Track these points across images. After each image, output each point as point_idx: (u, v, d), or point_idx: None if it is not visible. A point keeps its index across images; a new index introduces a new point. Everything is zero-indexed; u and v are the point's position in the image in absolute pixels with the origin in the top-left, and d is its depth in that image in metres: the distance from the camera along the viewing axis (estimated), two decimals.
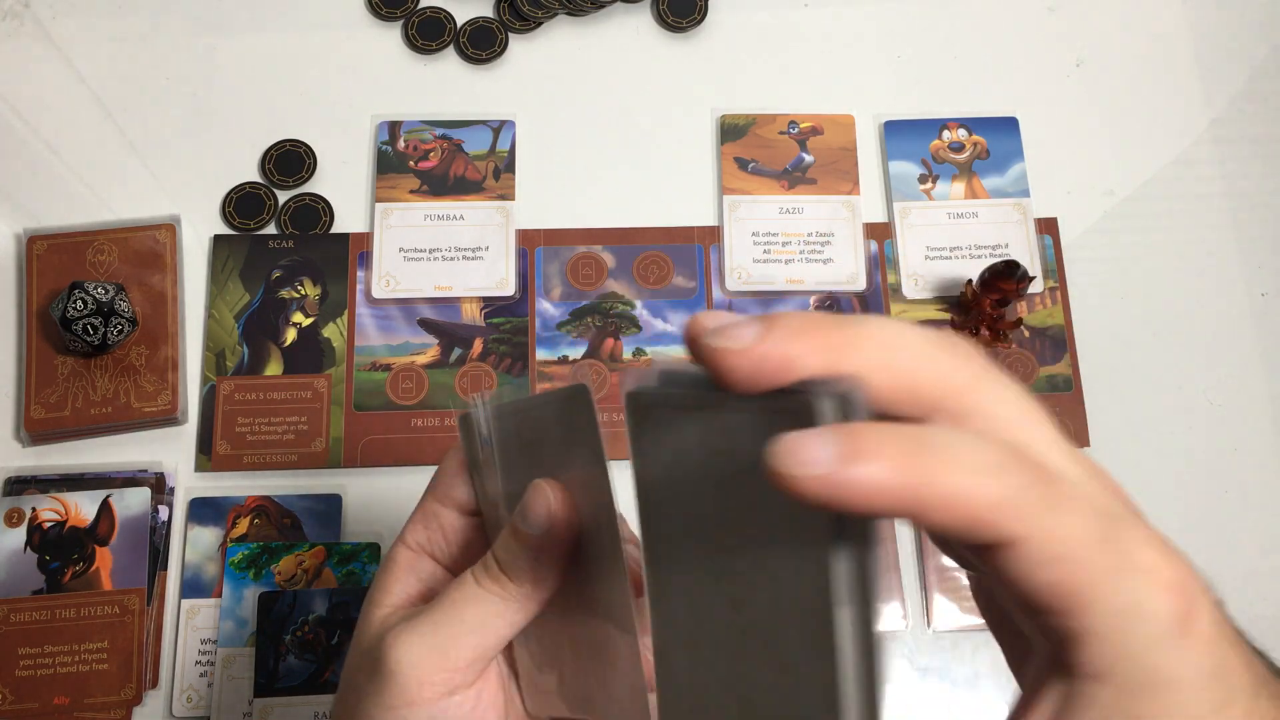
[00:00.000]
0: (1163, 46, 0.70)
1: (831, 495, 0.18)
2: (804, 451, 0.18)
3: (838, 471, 0.18)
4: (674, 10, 0.69)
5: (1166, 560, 0.20)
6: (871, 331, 0.21)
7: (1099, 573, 0.19)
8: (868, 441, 0.19)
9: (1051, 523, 0.19)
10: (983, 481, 0.19)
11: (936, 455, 0.19)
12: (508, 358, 0.61)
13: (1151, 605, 0.19)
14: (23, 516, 0.56)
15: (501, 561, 0.29)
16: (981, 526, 0.19)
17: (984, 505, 0.19)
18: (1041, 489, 0.19)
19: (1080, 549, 0.19)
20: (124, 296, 0.58)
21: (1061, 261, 0.64)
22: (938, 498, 0.19)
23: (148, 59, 0.67)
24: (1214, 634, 0.20)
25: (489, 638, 0.29)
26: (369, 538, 0.57)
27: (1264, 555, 0.59)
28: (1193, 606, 0.20)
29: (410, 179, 0.65)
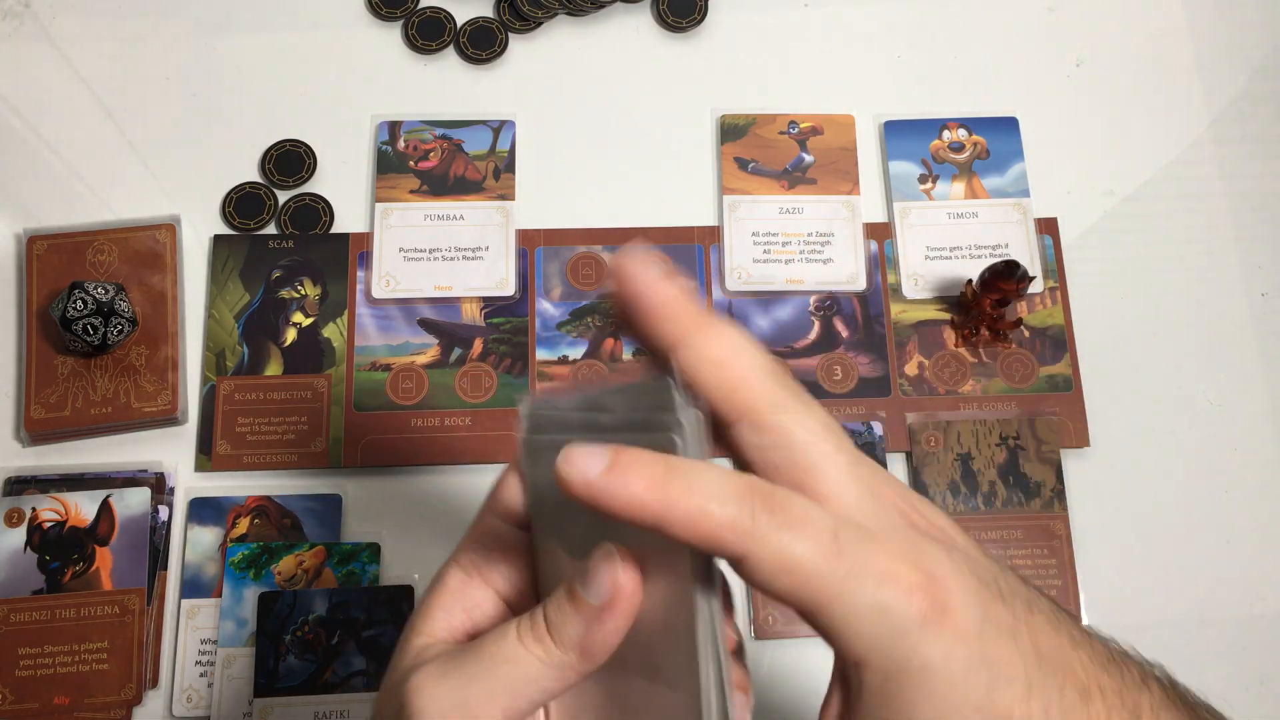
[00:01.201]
0: (1163, 46, 0.70)
1: (594, 498, 0.24)
2: (579, 460, 0.24)
3: (600, 480, 0.23)
4: (674, 10, 0.69)
5: (910, 567, 0.24)
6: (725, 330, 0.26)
7: (829, 579, 0.23)
8: (631, 462, 0.24)
9: (777, 540, 0.23)
10: (716, 507, 0.23)
11: (682, 481, 0.24)
12: (508, 358, 0.61)
13: (892, 603, 0.23)
14: (23, 516, 0.56)
15: (550, 622, 0.26)
16: (715, 543, 0.24)
17: (715, 525, 0.23)
18: (767, 515, 0.24)
19: (807, 561, 0.23)
20: (124, 296, 0.58)
21: (1061, 261, 0.64)
22: (679, 515, 0.23)
23: (148, 59, 0.67)
24: (976, 628, 0.24)
25: (520, 701, 0.26)
26: (369, 538, 0.57)
27: (1264, 555, 0.59)
28: (943, 605, 0.24)
29: (410, 179, 0.65)
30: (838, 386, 0.61)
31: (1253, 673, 0.57)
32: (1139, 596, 0.58)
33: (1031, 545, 0.58)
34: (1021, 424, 0.60)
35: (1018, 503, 0.58)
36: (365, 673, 0.54)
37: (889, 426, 0.60)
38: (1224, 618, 0.58)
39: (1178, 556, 0.59)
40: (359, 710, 0.53)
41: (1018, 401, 0.61)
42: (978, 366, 0.62)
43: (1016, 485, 0.59)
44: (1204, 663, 0.57)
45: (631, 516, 0.23)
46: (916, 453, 0.59)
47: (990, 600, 0.25)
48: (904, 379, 0.61)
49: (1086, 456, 0.60)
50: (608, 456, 0.24)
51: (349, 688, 0.54)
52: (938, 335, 0.62)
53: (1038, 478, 0.59)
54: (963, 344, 0.62)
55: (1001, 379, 0.61)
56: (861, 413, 0.61)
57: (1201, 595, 0.58)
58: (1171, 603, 0.58)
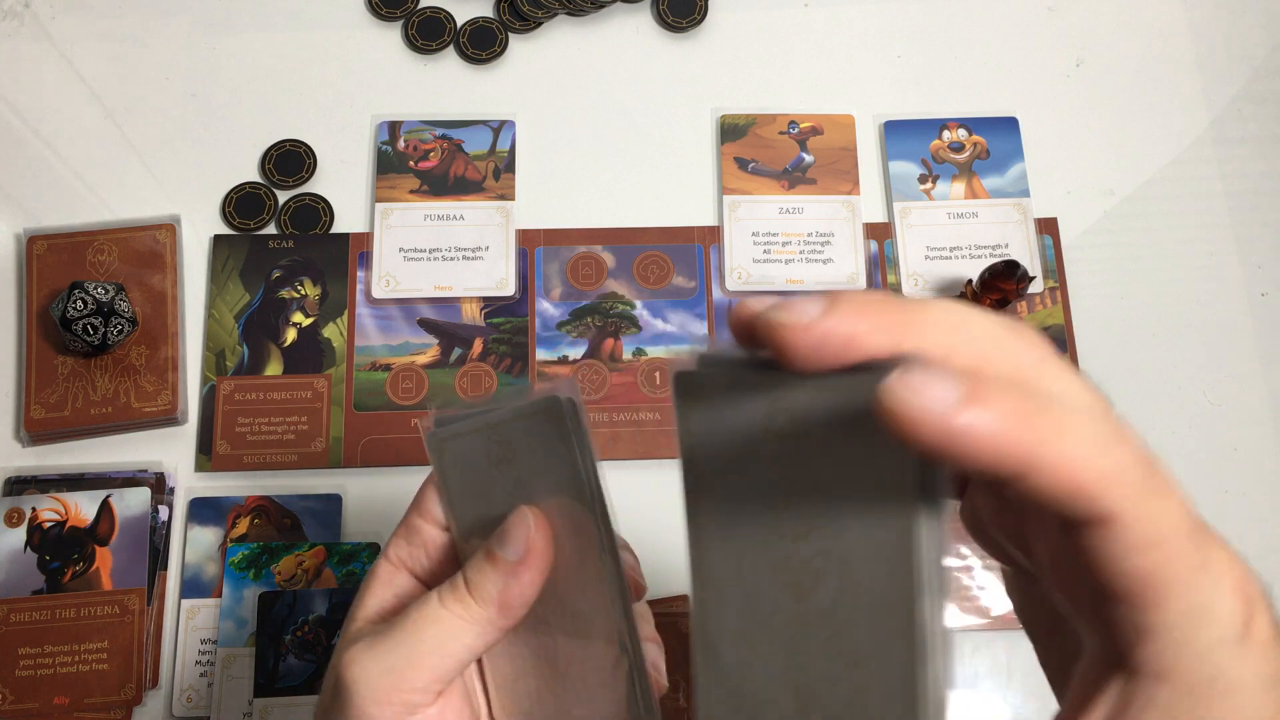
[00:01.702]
0: (1163, 46, 0.70)
1: (945, 439, 0.18)
2: (926, 388, 0.18)
3: (957, 414, 0.18)
4: (674, 10, 0.69)
5: (1234, 563, 0.20)
6: (937, 314, 0.20)
7: (1184, 567, 0.19)
8: (989, 390, 0.18)
9: (1151, 507, 0.19)
10: (1092, 452, 0.19)
11: (1054, 417, 0.18)
12: (508, 358, 0.61)
13: (1220, 606, 0.19)
14: (23, 516, 0.56)
15: (470, 582, 0.29)
16: (1086, 498, 0.19)
17: (1093, 476, 0.18)
18: (1145, 471, 0.19)
19: (1173, 538, 0.19)
20: (124, 296, 0.58)
21: (1061, 261, 0.64)
22: (1049, 459, 0.18)
23: (148, 59, 0.67)
24: (1271, 639, 0.20)
25: (447, 660, 0.29)
26: (369, 538, 0.57)
27: (1264, 555, 0.59)
28: (1254, 611, 0.20)
29: (410, 179, 0.65)
30: None
31: None
32: None
33: None
34: None
35: None
36: None
37: None
38: None
39: None
40: None
41: None
42: None
43: None
44: None
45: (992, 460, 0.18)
46: None
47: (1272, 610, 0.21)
48: None
49: None
50: (960, 382, 0.18)
51: None
52: None
53: None
54: None
55: None
56: None
57: None
58: None
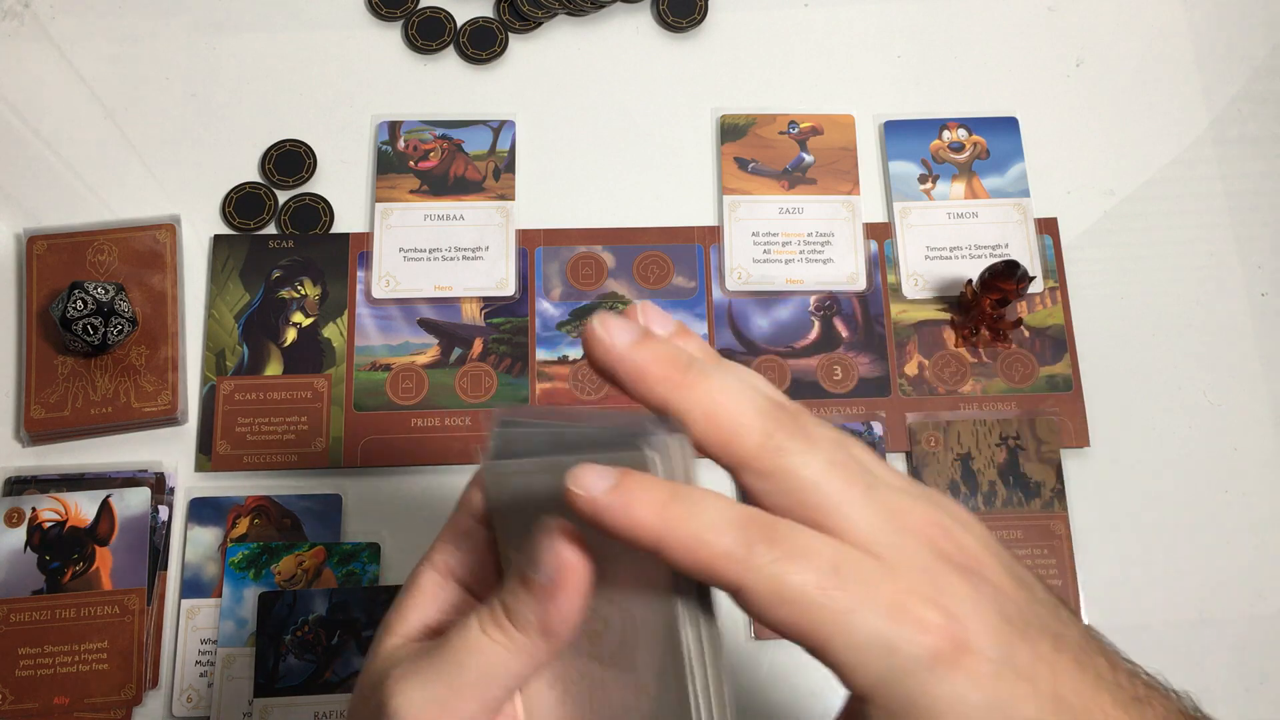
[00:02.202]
0: (1163, 46, 0.70)
1: (596, 516, 0.24)
2: (586, 478, 0.24)
3: (604, 499, 0.24)
4: (674, 10, 0.69)
5: (924, 602, 0.23)
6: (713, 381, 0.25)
7: (828, 612, 0.23)
8: (637, 485, 0.24)
9: (774, 573, 0.23)
10: (715, 537, 0.23)
11: (685, 508, 0.24)
12: (508, 358, 0.61)
13: (898, 640, 0.23)
14: (23, 516, 0.56)
15: (507, 608, 0.27)
16: (711, 572, 0.24)
17: (710, 556, 0.23)
18: (765, 546, 0.23)
19: (805, 594, 0.23)
20: (124, 296, 0.58)
21: (1061, 261, 0.64)
22: (678, 541, 0.24)
23: (148, 59, 0.67)
24: (992, 670, 0.23)
25: (493, 689, 0.27)
26: (369, 538, 0.57)
27: (1264, 555, 0.59)
28: (960, 643, 0.23)
29: (410, 179, 0.65)
30: (838, 386, 0.61)
31: (1253, 673, 0.57)
32: (1139, 596, 0.58)
33: (1031, 545, 0.58)
34: (1021, 424, 0.60)
35: (1018, 503, 0.58)
36: None
37: (889, 426, 0.60)
38: (1224, 618, 0.58)
39: (1178, 556, 0.59)
40: None
41: (1018, 401, 0.61)
42: (978, 366, 0.62)
43: (1016, 485, 0.59)
44: (1204, 663, 0.57)
45: (631, 538, 0.24)
46: (916, 453, 0.59)
47: (1012, 638, 0.24)
48: (904, 379, 0.61)
49: (1086, 456, 0.60)
50: (614, 477, 0.24)
51: (349, 688, 0.54)
52: (938, 335, 0.62)
53: (1038, 478, 0.59)
54: (963, 344, 0.62)
55: (1001, 379, 0.61)
56: (861, 413, 0.61)
57: (1201, 595, 0.58)
58: (1171, 603, 0.58)
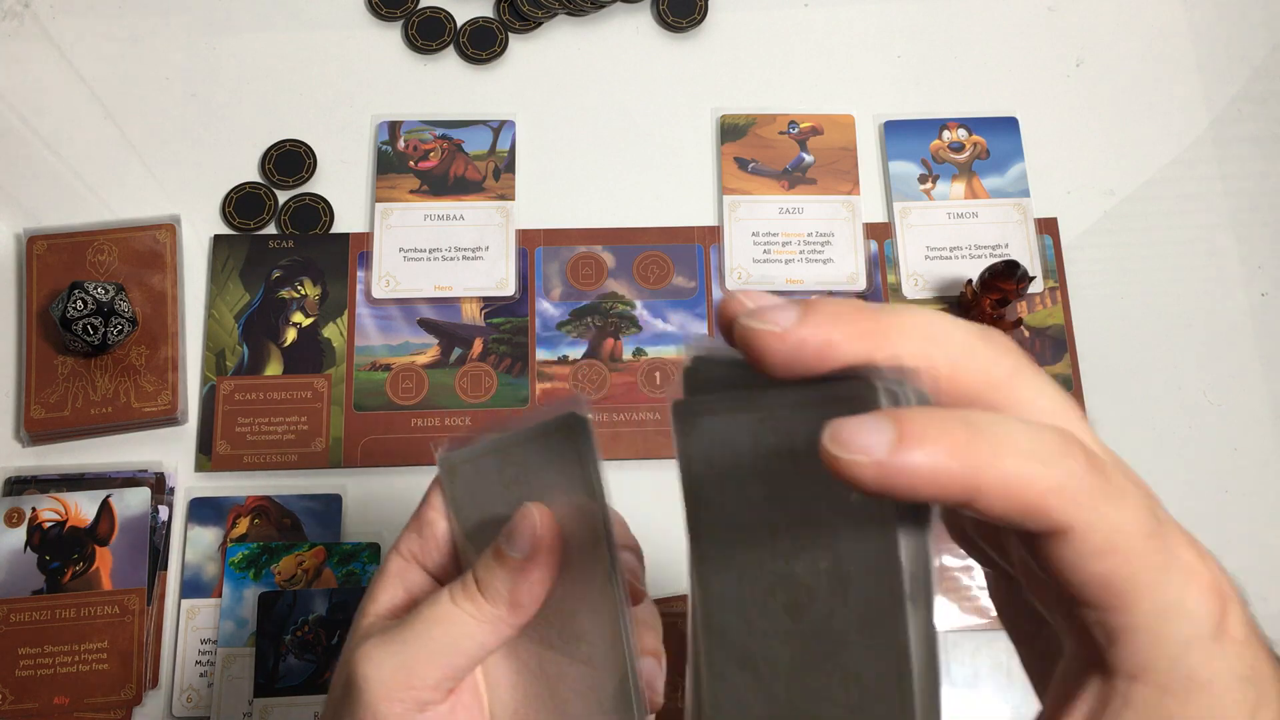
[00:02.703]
0: (1163, 46, 0.70)
1: (887, 482, 0.18)
2: (858, 437, 0.18)
3: (893, 458, 0.18)
4: (674, 10, 0.69)
5: (1204, 561, 0.20)
6: (911, 321, 0.20)
7: (1147, 568, 0.19)
8: (922, 426, 0.18)
9: (1106, 513, 0.19)
10: (1039, 468, 0.19)
11: (992, 440, 0.19)
12: (508, 358, 0.61)
13: (1191, 605, 0.20)
14: (23, 516, 0.56)
15: (480, 580, 0.29)
16: (1036, 514, 0.19)
17: (1040, 492, 0.19)
18: (1096, 478, 0.19)
19: (1132, 542, 0.19)
20: (124, 296, 0.58)
21: (1061, 261, 0.64)
22: (994, 483, 0.18)
23: (148, 59, 0.67)
24: (1245, 637, 0.20)
25: (458, 658, 0.29)
26: (369, 538, 0.57)
27: (1264, 555, 0.59)
28: (1227, 609, 0.20)
29: (410, 179, 0.65)
30: None
31: None
32: None
33: None
34: None
35: None
36: None
37: None
38: None
39: None
40: None
41: None
42: None
43: None
44: None
45: (937, 494, 0.19)
46: None
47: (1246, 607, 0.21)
48: None
49: None
50: (892, 425, 0.18)
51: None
52: None
53: None
54: None
55: None
56: None
57: None
58: None
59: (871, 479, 0.18)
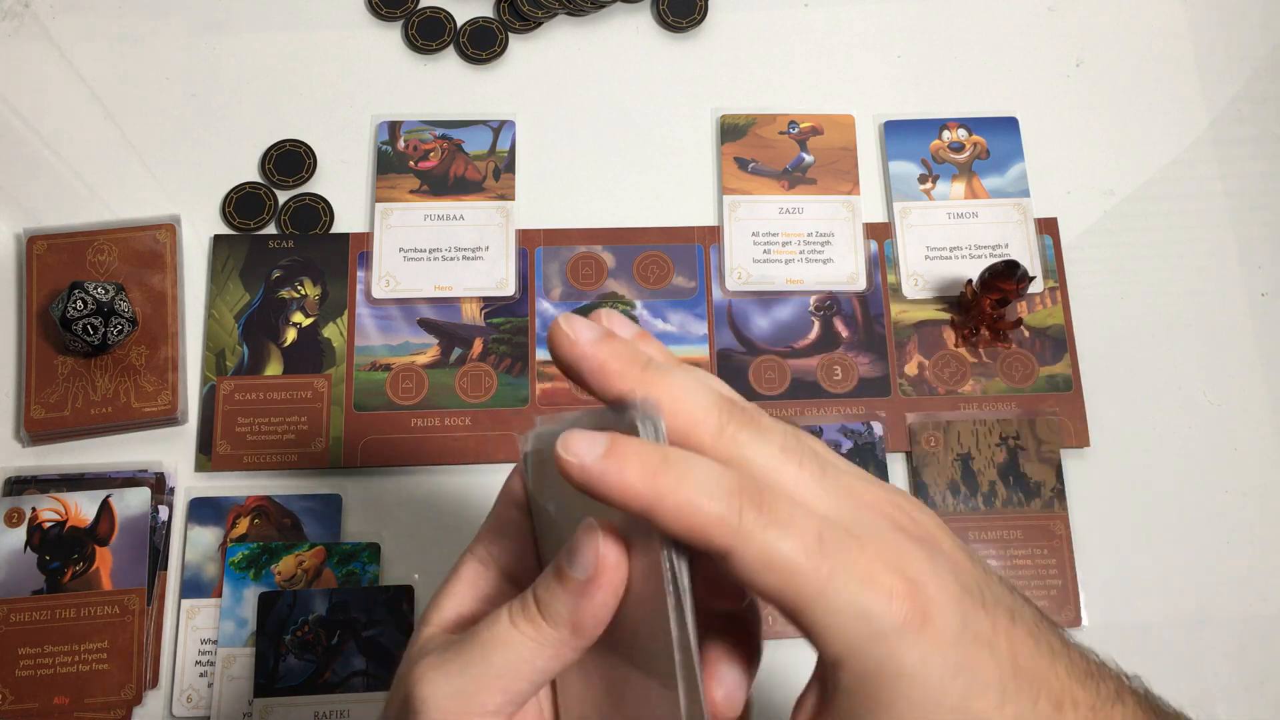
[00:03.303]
0: (1163, 46, 0.70)
1: (588, 482, 0.24)
2: (577, 445, 0.24)
3: (594, 465, 0.24)
4: (674, 10, 0.69)
5: (892, 571, 0.24)
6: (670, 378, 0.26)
7: (811, 578, 0.24)
8: (625, 449, 0.24)
9: (760, 540, 0.24)
10: (705, 500, 0.24)
11: (675, 472, 0.24)
12: (508, 358, 0.61)
13: (872, 606, 0.24)
14: (23, 516, 0.56)
15: (540, 601, 0.27)
16: (702, 537, 0.24)
17: (704, 518, 0.24)
18: (754, 511, 0.24)
19: (791, 560, 0.24)
20: (124, 296, 0.58)
21: (1061, 261, 0.64)
22: (669, 505, 0.24)
23: (148, 59, 0.67)
24: (954, 635, 0.24)
25: (519, 682, 0.27)
26: (369, 538, 0.57)
27: (1264, 555, 0.59)
28: (923, 610, 0.24)
29: (410, 179, 0.65)
30: (838, 386, 0.61)
31: (1253, 673, 0.57)
32: (1139, 596, 0.58)
33: (1031, 545, 0.58)
34: (1021, 424, 0.60)
35: (1018, 503, 0.58)
36: (365, 673, 0.54)
37: (889, 426, 0.60)
38: (1224, 618, 0.58)
39: (1178, 556, 0.59)
40: (359, 710, 0.53)
41: (1018, 401, 0.61)
42: (978, 366, 0.62)
43: (1016, 485, 0.59)
44: (1204, 663, 0.57)
45: (623, 503, 0.24)
46: (916, 453, 0.59)
47: (971, 608, 0.25)
48: (904, 379, 0.61)
49: (1086, 456, 0.60)
50: (605, 443, 0.24)
51: (349, 688, 0.54)
52: (938, 335, 0.62)
53: (1038, 478, 0.59)
54: (963, 344, 0.62)
55: (1001, 379, 0.61)
56: (861, 413, 0.61)
57: (1201, 595, 0.58)
58: (1171, 603, 0.58)
59: (575, 477, 0.24)
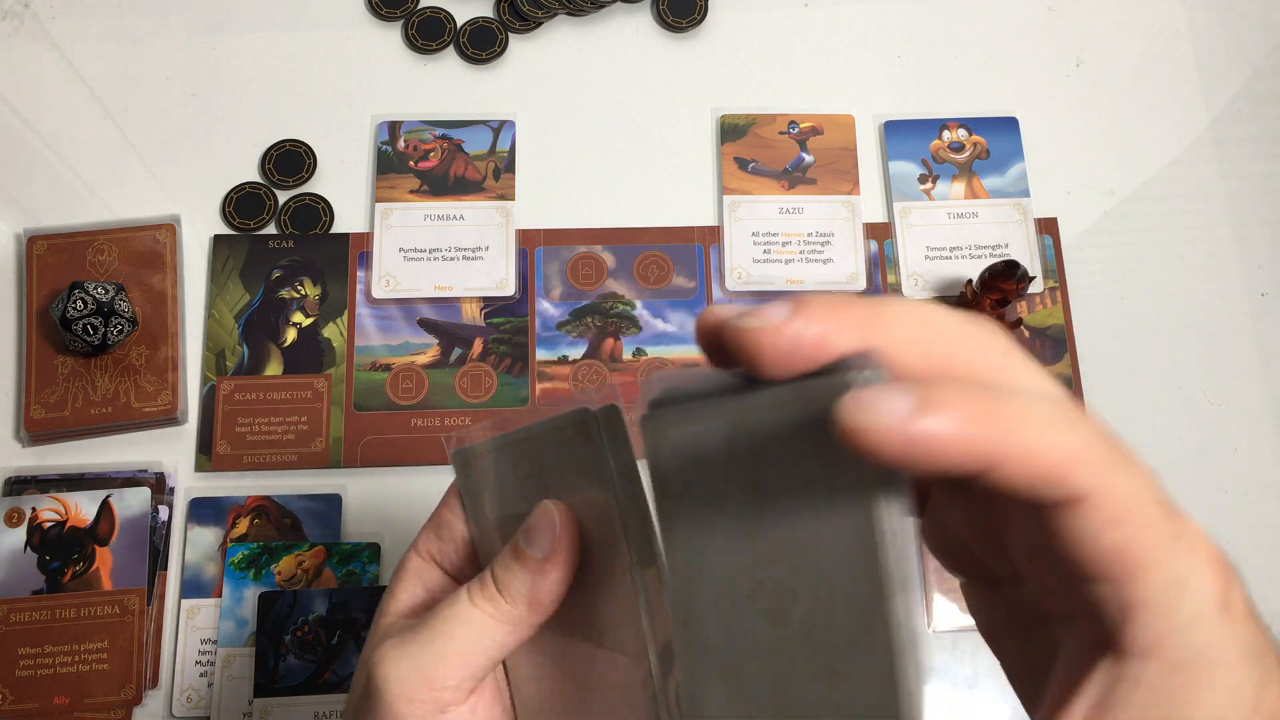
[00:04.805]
0: (1163, 46, 0.70)
1: (906, 449, 0.18)
2: (879, 402, 0.18)
3: (913, 422, 0.18)
4: (674, 10, 0.69)
5: (1205, 536, 0.20)
6: (903, 310, 0.20)
7: (1159, 539, 0.19)
8: (941, 394, 0.18)
9: (1119, 481, 0.19)
10: (1057, 434, 0.19)
11: (1009, 408, 0.19)
12: (508, 358, 0.61)
13: (1198, 579, 0.20)
14: (23, 516, 0.56)
15: (498, 580, 0.29)
16: (1055, 480, 0.19)
17: (1057, 458, 0.19)
18: (1108, 446, 0.19)
19: (1144, 511, 0.19)
20: (124, 296, 0.58)
21: (1061, 261, 0.64)
22: (1012, 449, 0.18)
23: (148, 59, 0.67)
24: (1247, 613, 0.20)
25: (479, 658, 0.29)
26: (369, 538, 0.57)
27: (1264, 555, 0.59)
28: (1231, 584, 0.20)
29: (410, 179, 0.65)
30: None
31: None
32: None
33: None
34: None
35: None
36: None
37: None
38: None
39: None
40: None
41: None
42: None
43: None
44: None
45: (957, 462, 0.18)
46: None
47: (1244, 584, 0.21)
48: None
49: None
50: (914, 393, 0.18)
51: (349, 688, 0.54)
52: None
53: None
54: None
55: None
56: None
57: None
58: None
59: (890, 445, 0.18)
